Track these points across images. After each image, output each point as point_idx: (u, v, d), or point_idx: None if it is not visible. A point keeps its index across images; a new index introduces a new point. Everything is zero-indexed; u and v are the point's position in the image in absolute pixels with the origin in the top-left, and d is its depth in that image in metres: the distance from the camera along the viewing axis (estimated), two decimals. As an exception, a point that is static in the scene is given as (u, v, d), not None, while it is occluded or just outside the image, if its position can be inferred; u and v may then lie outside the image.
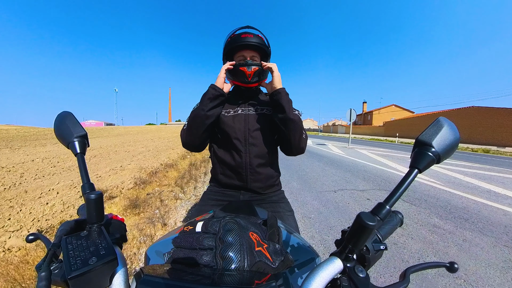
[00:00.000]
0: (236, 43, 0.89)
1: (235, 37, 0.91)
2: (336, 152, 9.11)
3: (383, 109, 41.28)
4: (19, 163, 5.61)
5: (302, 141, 0.90)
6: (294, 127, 0.85)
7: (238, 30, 0.94)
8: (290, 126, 0.85)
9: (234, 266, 0.35)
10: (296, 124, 0.85)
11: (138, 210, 2.62)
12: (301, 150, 0.93)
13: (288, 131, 0.86)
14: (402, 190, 0.35)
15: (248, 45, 0.89)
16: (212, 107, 0.86)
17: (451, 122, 0.40)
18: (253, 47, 0.91)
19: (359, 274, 0.32)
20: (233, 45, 0.90)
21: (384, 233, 0.40)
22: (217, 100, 0.87)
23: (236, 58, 0.94)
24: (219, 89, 0.87)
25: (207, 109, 0.85)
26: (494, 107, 15.94)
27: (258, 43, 0.89)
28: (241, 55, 0.92)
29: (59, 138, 0.49)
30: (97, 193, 0.38)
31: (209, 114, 0.85)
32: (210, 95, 0.86)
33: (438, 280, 1.53)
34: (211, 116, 0.86)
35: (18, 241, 1.97)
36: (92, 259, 0.31)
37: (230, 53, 0.95)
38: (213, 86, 0.88)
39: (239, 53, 0.93)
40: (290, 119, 0.84)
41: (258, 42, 0.89)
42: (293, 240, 0.58)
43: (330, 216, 2.60)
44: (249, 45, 0.90)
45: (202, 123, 0.86)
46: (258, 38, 0.90)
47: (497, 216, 2.60)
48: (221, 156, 0.95)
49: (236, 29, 0.94)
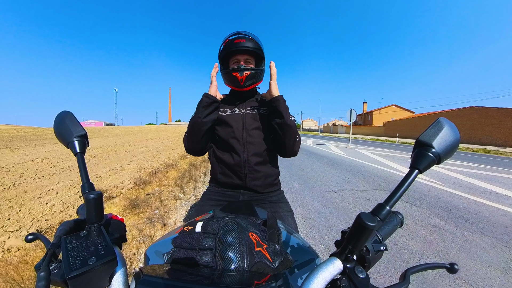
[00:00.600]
0: (230, 48, 0.93)
1: (229, 42, 0.94)
2: (336, 152, 9.10)
3: (384, 109, 41.25)
4: (18, 163, 5.62)
5: (296, 145, 0.96)
6: (290, 132, 0.91)
7: (231, 36, 0.96)
8: (287, 130, 0.91)
9: (233, 266, 0.35)
10: (292, 129, 0.91)
11: (138, 210, 2.62)
12: (294, 153, 0.98)
13: (284, 135, 0.92)
14: (402, 190, 0.35)
15: (241, 50, 0.93)
16: (207, 114, 0.91)
17: (452, 123, 0.40)
18: (246, 51, 0.94)
19: (359, 274, 0.32)
20: (227, 51, 0.94)
21: (384, 234, 0.40)
22: (211, 107, 0.92)
23: (231, 62, 0.97)
24: (211, 97, 0.92)
25: (203, 116, 0.90)
26: (494, 107, 15.92)
27: (251, 47, 0.92)
28: (236, 60, 0.96)
29: (58, 137, 0.49)
30: (97, 193, 0.38)
31: (205, 121, 0.91)
32: (204, 103, 0.91)
33: (439, 281, 1.53)
34: (207, 122, 0.92)
35: (18, 241, 1.97)
36: (91, 259, 0.31)
37: (226, 59, 0.98)
38: (206, 94, 0.93)
39: (233, 57, 0.96)
40: (287, 124, 0.90)
41: (251, 46, 0.92)
42: (293, 241, 0.58)
43: (330, 217, 2.59)
44: (242, 50, 0.93)
45: (200, 129, 0.91)
46: (251, 42, 0.93)
47: (498, 217, 2.60)
48: (219, 156, 0.98)
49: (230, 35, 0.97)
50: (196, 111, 0.93)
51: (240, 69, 0.92)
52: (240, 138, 0.94)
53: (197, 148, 0.96)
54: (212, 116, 0.93)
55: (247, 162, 0.93)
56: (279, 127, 0.91)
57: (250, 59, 0.97)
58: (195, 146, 0.95)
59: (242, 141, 0.94)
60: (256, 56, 0.98)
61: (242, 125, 0.95)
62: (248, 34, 0.96)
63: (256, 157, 0.94)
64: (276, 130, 0.92)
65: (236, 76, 0.92)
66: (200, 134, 0.92)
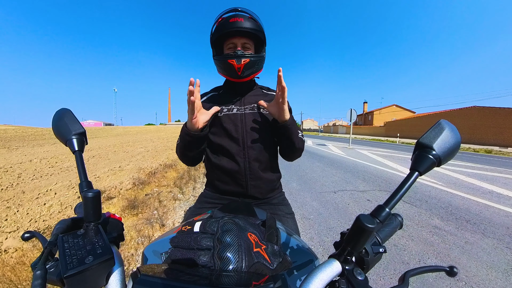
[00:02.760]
0: (224, 29, 0.76)
1: (222, 21, 0.76)
2: (337, 152, 9.10)
3: (384, 109, 41.26)
4: (16, 164, 5.62)
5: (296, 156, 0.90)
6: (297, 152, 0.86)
7: (226, 13, 0.79)
8: (295, 152, 0.86)
9: (231, 267, 0.34)
10: (300, 150, 0.85)
11: (137, 210, 2.62)
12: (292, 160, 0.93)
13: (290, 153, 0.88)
14: (402, 192, 0.34)
15: (238, 31, 0.76)
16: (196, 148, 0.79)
17: (452, 125, 0.40)
18: (244, 33, 0.78)
19: (357, 276, 0.32)
20: (220, 33, 0.77)
21: (384, 236, 0.40)
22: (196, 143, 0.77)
23: (226, 46, 0.81)
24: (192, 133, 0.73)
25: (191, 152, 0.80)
26: (496, 107, 15.89)
27: (250, 28, 0.75)
28: (231, 43, 0.80)
29: (57, 135, 0.49)
30: (95, 191, 0.38)
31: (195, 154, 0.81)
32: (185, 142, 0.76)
33: (439, 283, 1.52)
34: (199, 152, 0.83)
35: (15, 242, 1.97)
36: (88, 258, 0.30)
37: (219, 42, 0.82)
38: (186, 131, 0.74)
39: (228, 40, 0.80)
40: (296, 148, 0.83)
41: (250, 27, 0.76)
42: (292, 242, 0.58)
43: (329, 217, 2.59)
44: (239, 31, 0.76)
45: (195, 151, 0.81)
46: (250, 21, 0.76)
47: (499, 218, 2.59)
48: (216, 162, 0.85)
49: (224, 12, 0.79)
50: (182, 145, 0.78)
51: (237, 55, 0.76)
52: (240, 143, 0.82)
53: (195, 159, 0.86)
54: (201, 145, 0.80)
55: (249, 169, 0.82)
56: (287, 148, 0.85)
57: (248, 43, 0.80)
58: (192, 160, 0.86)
59: (242, 146, 0.82)
60: (256, 40, 0.83)
61: (241, 127, 0.82)
62: (247, 11, 0.79)
63: (258, 163, 0.83)
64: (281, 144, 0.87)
65: (233, 64, 0.76)
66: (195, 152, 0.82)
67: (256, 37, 0.82)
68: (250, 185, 0.84)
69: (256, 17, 0.80)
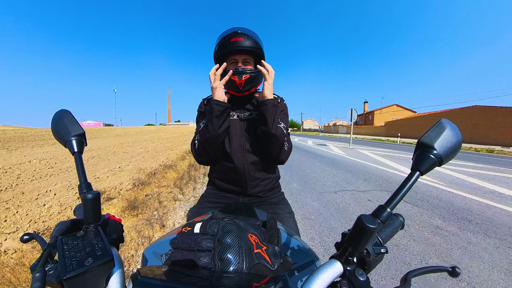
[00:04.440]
0: (226, 48, 0.85)
1: (224, 41, 0.86)
2: (337, 152, 9.09)
3: (385, 109, 41.19)
4: (16, 164, 5.62)
5: (282, 154, 0.88)
6: (274, 141, 0.84)
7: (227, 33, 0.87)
8: (271, 140, 0.84)
9: (232, 268, 0.34)
10: (277, 139, 0.84)
11: (137, 211, 2.62)
12: (280, 162, 0.91)
13: (268, 144, 0.85)
14: (403, 192, 0.34)
15: (239, 49, 0.85)
16: (221, 124, 0.83)
17: (454, 124, 0.39)
18: (244, 51, 0.87)
19: (359, 277, 0.32)
20: (223, 51, 0.86)
21: (385, 236, 0.40)
22: (224, 114, 0.83)
23: (228, 62, 0.89)
24: (222, 104, 0.82)
25: (218, 127, 0.82)
26: (497, 106, 15.80)
27: (249, 46, 0.85)
28: (233, 59, 0.89)
29: (56, 136, 0.49)
30: (94, 192, 0.38)
31: (221, 132, 0.83)
32: (217, 113, 0.81)
33: (441, 283, 1.51)
34: (223, 133, 0.84)
35: (14, 243, 1.97)
36: (88, 260, 0.30)
37: (221, 59, 0.90)
38: (216, 102, 0.82)
39: (230, 57, 0.89)
40: (271, 133, 0.82)
41: (249, 45, 0.85)
42: (293, 243, 0.58)
43: (330, 218, 2.58)
44: (240, 50, 0.86)
45: (217, 142, 0.84)
46: (249, 40, 0.85)
47: (502, 217, 2.58)
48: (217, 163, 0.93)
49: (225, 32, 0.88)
50: (209, 122, 0.83)
51: (238, 72, 0.84)
52: (239, 146, 0.89)
53: (213, 159, 0.89)
54: (226, 124, 0.85)
55: (247, 171, 0.89)
56: (262, 134, 0.85)
57: (249, 59, 0.90)
58: (211, 158, 0.88)
59: (241, 149, 0.89)
60: (255, 55, 0.92)
61: (240, 132, 0.91)
62: (246, 31, 0.87)
63: (256, 165, 0.90)
64: (261, 136, 0.86)
65: (235, 80, 0.84)
66: (216, 147, 0.85)
67: (255, 53, 0.91)
68: (249, 185, 0.91)
69: (255, 36, 0.89)
